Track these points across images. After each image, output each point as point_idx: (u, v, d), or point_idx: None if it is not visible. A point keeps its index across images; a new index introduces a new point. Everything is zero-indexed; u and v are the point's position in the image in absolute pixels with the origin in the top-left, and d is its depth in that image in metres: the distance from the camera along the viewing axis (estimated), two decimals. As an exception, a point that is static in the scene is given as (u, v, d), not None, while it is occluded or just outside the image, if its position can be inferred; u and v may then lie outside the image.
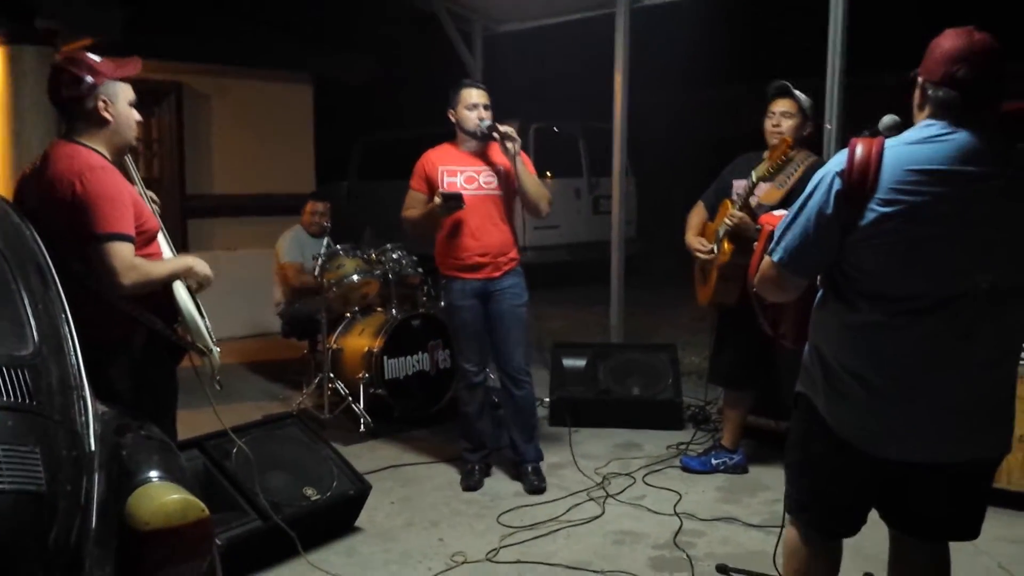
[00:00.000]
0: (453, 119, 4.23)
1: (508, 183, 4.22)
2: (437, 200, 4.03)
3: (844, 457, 2.15)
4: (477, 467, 4.34)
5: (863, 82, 5.05)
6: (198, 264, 2.85)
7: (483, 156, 4.24)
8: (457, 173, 4.18)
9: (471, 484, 4.25)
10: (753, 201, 3.96)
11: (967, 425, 2.07)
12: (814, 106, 4.16)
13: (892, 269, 2.02)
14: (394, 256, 5.59)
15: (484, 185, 4.20)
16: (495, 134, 4.08)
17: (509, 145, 4.06)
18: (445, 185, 4.14)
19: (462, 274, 4.20)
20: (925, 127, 2.05)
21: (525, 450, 4.35)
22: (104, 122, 2.75)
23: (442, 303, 4.24)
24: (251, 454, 3.31)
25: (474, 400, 4.34)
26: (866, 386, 2.08)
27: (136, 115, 2.85)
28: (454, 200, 4.03)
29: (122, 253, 2.60)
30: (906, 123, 2.17)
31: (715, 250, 4.14)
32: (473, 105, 4.14)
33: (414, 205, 4.25)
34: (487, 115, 4.14)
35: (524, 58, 6.99)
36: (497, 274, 4.21)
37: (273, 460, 3.59)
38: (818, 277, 2.21)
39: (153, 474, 1.86)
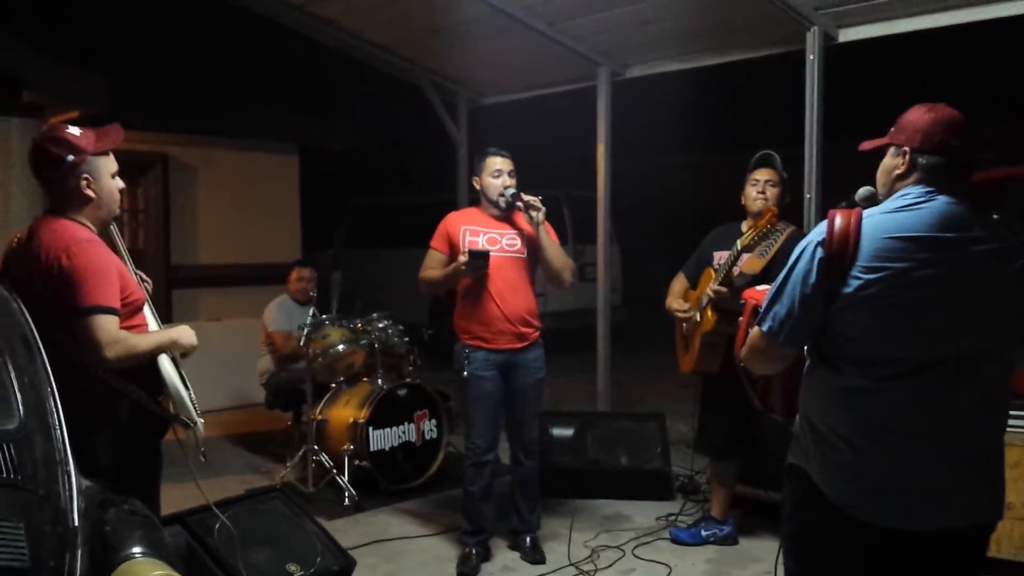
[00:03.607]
0: (477, 187, 4.21)
1: (532, 247, 4.17)
2: (462, 258, 3.98)
3: (839, 525, 2.13)
4: (475, 552, 4.16)
5: (837, 148, 5.19)
6: (183, 337, 2.81)
7: (508, 221, 4.21)
8: (480, 234, 4.15)
9: (467, 571, 4.07)
10: (735, 271, 4.00)
11: (958, 490, 2.06)
12: (789, 177, 4.25)
13: (876, 334, 2.04)
14: (380, 325, 5.57)
15: (507, 247, 4.15)
16: (519, 203, 4.07)
17: (533, 214, 4.04)
18: (467, 245, 4.10)
19: (487, 344, 4.12)
20: (901, 196, 2.10)
21: (529, 520, 4.31)
22: (87, 200, 2.74)
23: (464, 373, 4.10)
24: (234, 530, 3.25)
25: (480, 479, 4.17)
26: (856, 451, 2.08)
27: (119, 184, 2.84)
28: (481, 258, 3.98)
29: (107, 326, 2.58)
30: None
31: (698, 318, 4.17)
32: (497, 172, 4.13)
33: (433, 265, 4.21)
34: (512, 183, 4.13)
35: (508, 128, 7.11)
36: (521, 345, 4.15)
37: (256, 535, 3.52)
38: (805, 348, 2.23)
39: (136, 550, 1.83)
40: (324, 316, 5.51)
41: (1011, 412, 2.38)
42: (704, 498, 4.91)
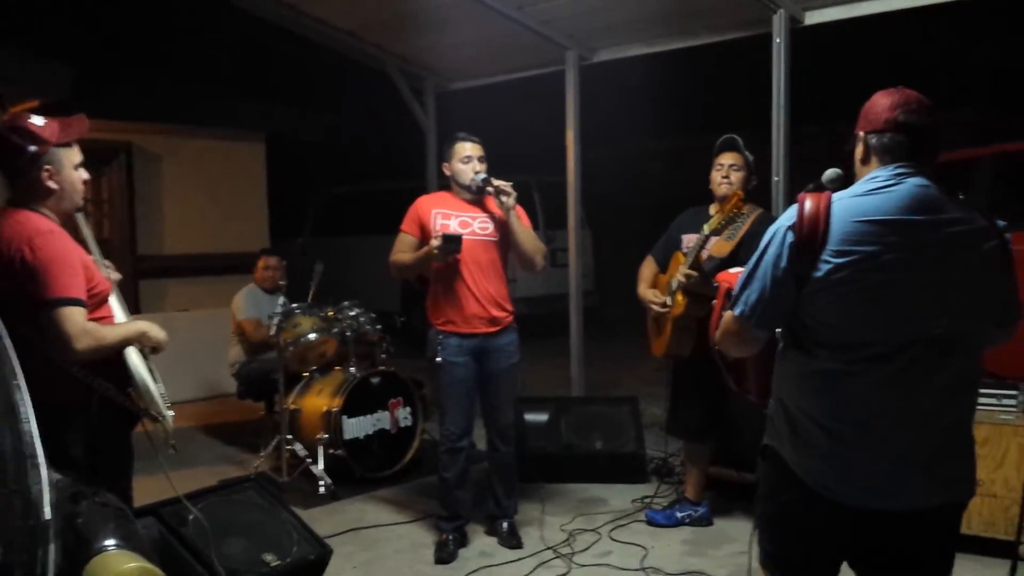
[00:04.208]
0: (447, 172, 4.19)
1: (503, 231, 4.16)
2: (435, 242, 3.94)
3: (814, 507, 2.15)
4: (451, 538, 4.16)
5: (806, 132, 5.24)
6: (152, 329, 2.79)
7: (479, 204, 4.19)
8: (451, 217, 4.13)
9: (444, 557, 4.07)
10: (704, 254, 4.02)
11: (930, 469, 2.09)
12: (757, 161, 4.27)
13: (847, 318, 2.05)
14: (352, 313, 5.54)
15: (479, 231, 4.13)
16: (489, 188, 4.06)
17: (504, 199, 4.03)
18: (439, 228, 4.07)
19: (460, 329, 4.11)
20: (870, 179, 2.11)
21: (507, 505, 4.32)
22: (49, 192, 2.69)
23: (437, 359, 4.09)
24: (207, 521, 3.22)
25: (455, 465, 4.17)
26: (829, 434, 2.10)
27: (84, 175, 2.80)
28: (454, 242, 3.95)
29: (74, 318, 2.54)
30: (847, 176, 2.24)
31: (668, 302, 4.19)
32: (467, 158, 4.11)
33: (404, 249, 4.17)
34: (482, 168, 4.11)
35: (476, 113, 7.09)
36: (494, 329, 4.14)
37: (230, 526, 3.49)
38: (777, 331, 2.24)
39: (109, 542, 1.81)
40: (295, 305, 5.46)
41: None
42: (678, 480, 4.94)
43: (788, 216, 2.10)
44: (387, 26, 6.26)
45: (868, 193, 2.07)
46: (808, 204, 2.06)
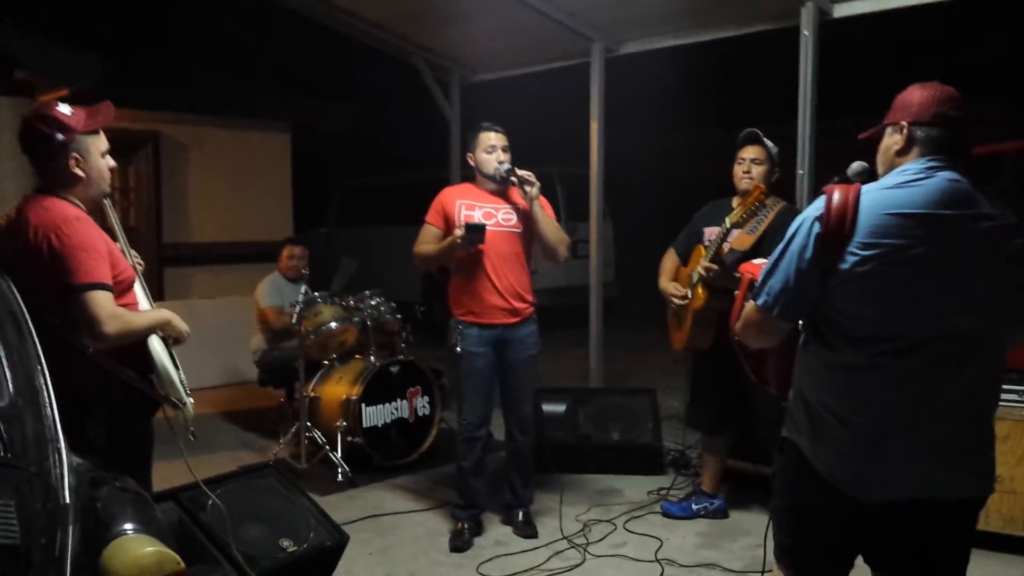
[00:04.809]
0: (472, 163, 4.20)
1: (527, 222, 4.16)
2: (458, 232, 3.96)
3: (832, 500, 2.14)
4: (467, 527, 4.19)
5: (830, 126, 5.18)
6: (176, 319, 2.83)
7: (503, 195, 4.20)
8: (475, 208, 4.14)
9: (459, 545, 4.10)
10: (725, 247, 4.00)
11: (949, 464, 2.08)
12: (781, 153, 4.23)
13: (871, 311, 2.04)
14: (372, 303, 5.58)
15: (503, 222, 4.14)
16: (513, 178, 4.06)
17: (528, 189, 4.04)
18: (462, 218, 4.09)
19: (480, 319, 4.13)
20: (901, 172, 2.09)
21: (523, 495, 4.34)
22: (76, 179, 2.72)
23: (457, 348, 4.12)
24: (225, 507, 3.25)
25: (471, 454, 4.20)
26: (849, 427, 2.09)
27: (110, 163, 2.82)
28: (477, 232, 3.97)
29: (103, 302, 2.57)
30: (871, 169, 2.23)
31: (689, 295, 4.18)
32: (491, 148, 4.11)
33: (428, 240, 4.19)
34: (506, 158, 4.11)
35: (501, 104, 7.10)
36: (514, 320, 4.15)
37: (249, 511, 3.53)
38: (799, 322, 2.23)
39: (128, 527, 1.84)
40: (316, 293, 5.51)
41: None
42: (695, 472, 4.94)
43: (816, 207, 2.10)
44: (413, 17, 6.28)
45: (898, 186, 2.06)
46: (836, 195, 2.05)
